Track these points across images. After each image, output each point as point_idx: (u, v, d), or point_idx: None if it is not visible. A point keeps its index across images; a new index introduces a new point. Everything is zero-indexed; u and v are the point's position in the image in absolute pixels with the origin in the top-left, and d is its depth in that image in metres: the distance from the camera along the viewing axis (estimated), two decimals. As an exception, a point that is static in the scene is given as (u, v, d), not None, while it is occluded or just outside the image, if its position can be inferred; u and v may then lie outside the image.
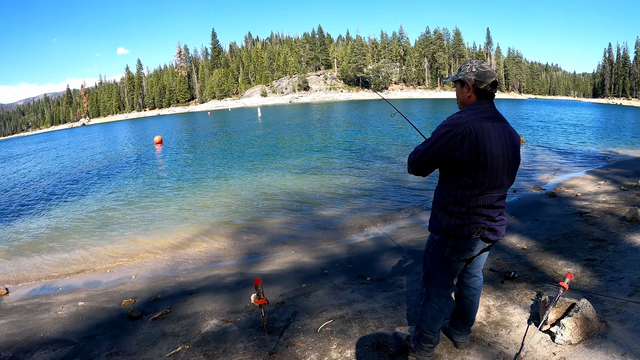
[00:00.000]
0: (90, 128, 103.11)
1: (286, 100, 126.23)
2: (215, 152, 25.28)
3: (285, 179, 15.22)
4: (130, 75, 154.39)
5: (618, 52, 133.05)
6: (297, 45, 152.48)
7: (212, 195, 13.64)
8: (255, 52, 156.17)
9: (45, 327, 5.30)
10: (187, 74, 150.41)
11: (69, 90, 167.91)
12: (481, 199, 2.85)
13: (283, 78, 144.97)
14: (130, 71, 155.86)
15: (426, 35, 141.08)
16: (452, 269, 3.16)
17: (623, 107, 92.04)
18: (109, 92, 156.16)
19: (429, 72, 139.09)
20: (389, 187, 13.12)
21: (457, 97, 3.06)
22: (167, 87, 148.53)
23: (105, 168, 22.22)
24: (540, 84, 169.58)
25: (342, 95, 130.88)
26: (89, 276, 7.75)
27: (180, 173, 18.58)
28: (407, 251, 7.13)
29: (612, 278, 4.76)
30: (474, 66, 2.91)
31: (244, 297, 5.53)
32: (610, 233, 6.53)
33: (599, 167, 15.50)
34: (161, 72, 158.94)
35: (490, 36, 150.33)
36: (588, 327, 3.56)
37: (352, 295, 5.17)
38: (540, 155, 19.28)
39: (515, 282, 4.91)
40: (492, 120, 2.82)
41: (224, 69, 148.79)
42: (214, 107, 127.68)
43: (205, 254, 8.37)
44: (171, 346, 4.28)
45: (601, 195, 9.70)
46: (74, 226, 11.24)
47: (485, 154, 2.74)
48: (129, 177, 18.60)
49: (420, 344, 3.40)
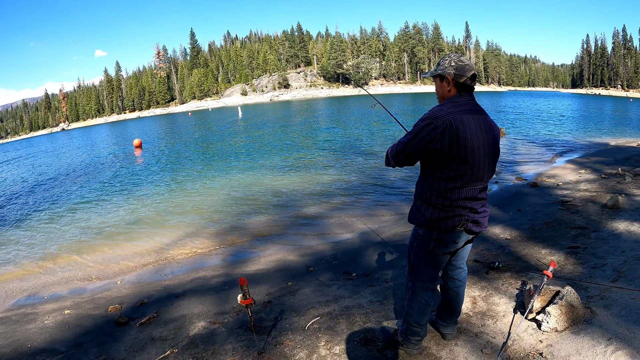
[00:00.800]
0: (69, 133, 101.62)
1: (267, 99, 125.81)
2: (196, 154, 25.10)
3: (268, 178, 15.17)
4: (109, 77, 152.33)
5: (596, 43, 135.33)
6: (277, 43, 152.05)
7: (195, 196, 13.53)
8: (235, 51, 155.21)
9: (32, 338, 5.20)
10: (166, 75, 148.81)
11: (47, 94, 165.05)
12: (464, 191, 2.87)
13: (263, 76, 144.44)
14: (109, 74, 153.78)
15: (405, 30, 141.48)
16: (437, 262, 3.18)
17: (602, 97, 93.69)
18: (87, 96, 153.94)
19: (408, 66, 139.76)
20: (371, 183, 13.16)
21: (437, 92, 3.07)
22: (147, 88, 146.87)
23: (83, 174, 21.86)
24: (520, 76, 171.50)
25: (322, 92, 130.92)
26: (74, 284, 7.63)
27: (161, 176, 18.38)
28: (392, 245, 7.16)
29: (595, 265, 4.83)
30: (453, 60, 2.92)
31: (230, 298, 5.50)
32: (592, 220, 6.63)
33: (579, 156, 15.72)
34: (140, 74, 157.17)
35: (469, 30, 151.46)
36: (573, 314, 3.60)
37: (339, 292, 5.17)
38: (521, 146, 19.49)
39: (500, 272, 4.96)
40: (471, 113, 2.84)
41: (204, 68, 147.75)
42: (194, 108, 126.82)
43: (190, 256, 8.30)
44: (160, 350, 4.23)
45: (582, 184, 9.84)
46: (54, 234, 11.04)
47: (466, 146, 2.75)
48: (108, 182, 18.30)
49: (408, 337, 3.42)
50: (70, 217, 12.71)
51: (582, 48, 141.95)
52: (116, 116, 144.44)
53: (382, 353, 3.59)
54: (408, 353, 3.50)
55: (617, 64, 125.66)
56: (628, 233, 5.80)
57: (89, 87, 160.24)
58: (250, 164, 18.95)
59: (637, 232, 5.79)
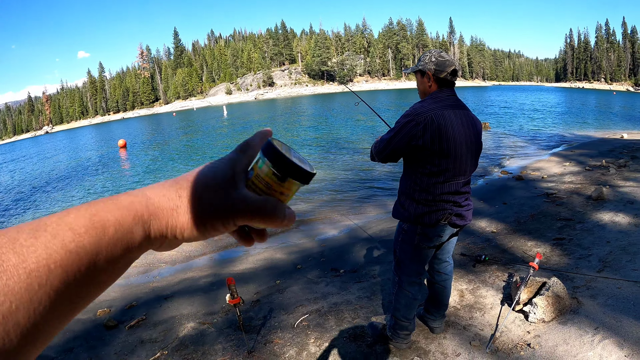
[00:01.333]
0: (54, 136, 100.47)
1: (251, 97, 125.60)
2: (181, 154, 24.95)
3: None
4: (92, 79, 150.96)
5: (579, 37, 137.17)
6: (261, 41, 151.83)
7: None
8: (219, 50, 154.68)
9: (20, 344, 5.16)
10: (150, 75, 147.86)
11: (30, 97, 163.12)
12: (447, 186, 2.90)
13: (247, 75, 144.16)
14: (92, 75, 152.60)
15: (389, 27, 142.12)
16: (422, 256, 3.20)
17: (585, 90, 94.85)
18: (71, 98, 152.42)
19: (393, 62, 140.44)
20: (356, 179, 13.19)
21: (418, 87, 3.11)
22: (131, 89, 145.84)
23: (67, 176, 21.64)
24: (504, 71, 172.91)
25: (307, 89, 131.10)
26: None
27: (145, 176, 18.24)
28: (378, 241, 7.18)
29: (581, 255, 4.88)
30: (433, 56, 2.95)
31: (219, 298, 5.48)
32: (577, 212, 6.71)
33: (563, 149, 15.88)
34: (124, 75, 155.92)
35: (453, 25, 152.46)
36: (560, 304, 3.64)
37: (327, 289, 5.18)
38: (506, 140, 19.64)
39: (487, 265, 5.00)
40: (453, 108, 2.87)
41: (188, 68, 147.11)
42: (179, 108, 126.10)
43: (177, 257, 8.24)
44: (150, 353, 4.20)
45: (567, 176, 9.94)
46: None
47: (448, 141, 2.78)
48: (92, 183, 18.15)
49: (397, 331, 3.44)
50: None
51: (565, 42, 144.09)
52: (100, 118, 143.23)
53: (371, 348, 3.60)
54: (397, 347, 3.51)
55: (600, 58, 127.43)
56: (613, 224, 5.88)
57: (73, 89, 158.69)
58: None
59: (621, 223, 5.86)
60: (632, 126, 23.92)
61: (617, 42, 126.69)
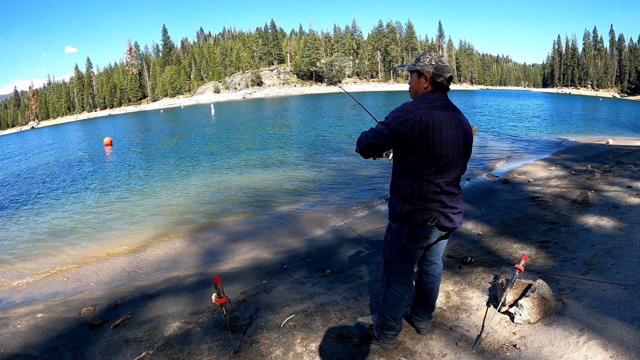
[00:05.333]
0: (39, 131, 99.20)
1: (240, 96, 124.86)
2: (167, 152, 24.77)
3: (241, 176, 15.11)
4: (79, 74, 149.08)
5: (567, 43, 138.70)
6: (250, 40, 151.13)
7: (167, 196, 13.36)
8: (208, 48, 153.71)
9: (5, 343, 5.06)
10: (138, 72, 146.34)
11: (16, 92, 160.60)
12: (433, 186, 2.91)
13: (236, 74, 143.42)
14: (80, 70, 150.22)
15: (379, 29, 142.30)
16: (410, 257, 3.21)
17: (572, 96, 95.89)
18: (58, 93, 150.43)
19: (382, 65, 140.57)
20: (344, 180, 13.22)
21: (412, 87, 3.10)
22: (118, 85, 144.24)
23: (51, 174, 21.33)
24: (492, 75, 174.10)
25: (295, 89, 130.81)
26: (46, 287, 7.44)
27: (131, 175, 18.07)
28: (366, 242, 7.19)
29: (566, 258, 4.93)
30: (434, 59, 2.96)
31: (205, 298, 5.45)
32: (563, 216, 6.78)
33: (549, 153, 16.06)
34: (112, 71, 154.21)
35: (442, 29, 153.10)
36: (545, 306, 3.67)
37: (313, 289, 5.18)
38: (493, 143, 19.80)
39: (473, 266, 5.03)
40: (443, 109, 2.88)
41: (176, 65, 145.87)
42: (166, 105, 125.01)
43: (164, 256, 8.20)
44: (135, 352, 4.16)
45: (552, 180, 10.05)
46: (23, 238, 10.73)
47: (434, 140, 2.80)
48: (76, 181, 17.93)
49: (384, 331, 3.45)
50: (39, 218, 12.42)
51: (553, 48, 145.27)
52: (87, 114, 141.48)
53: (358, 349, 3.60)
54: (384, 348, 3.52)
55: (588, 64, 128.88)
56: (597, 227, 5.95)
57: (60, 84, 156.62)
58: (222, 162, 18.84)
59: (606, 227, 5.93)
60: (617, 132, 24.29)
61: (605, 49, 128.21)
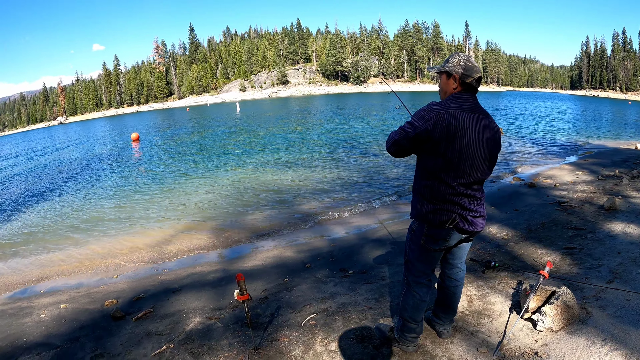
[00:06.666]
0: (67, 126, 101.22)
1: (265, 95, 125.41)
2: (193, 149, 25.04)
3: (266, 174, 15.18)
4: (107, 71, 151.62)
5: (595, 45, 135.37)
6: (276, 39, 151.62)
7: (192, 192, 13.53)
8: (234, 47, 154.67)
9: (28, 331, 5.18)
10: (165, 70, 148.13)
11: (45, 88, 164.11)
12: (453, 187, 2.89)
13: (262, 72, 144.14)
14: (108, 68, 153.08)
15: (405, 29, 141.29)
16: (430, 258, 3.21)
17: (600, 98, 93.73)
18: (86, 89, 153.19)
19: (407, 65, 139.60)
20: (369, 180, 13.18)
21: (441, 88, 3.10)
22: (145, 83, 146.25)
23: (80, 168, 21.80)
24: (519, 77, 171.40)
25: (321, 89, 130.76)
26: (70, 278, 7.62)
27: (157, 170, 18.36)
28: (389, 243, 7.18)
29: (591, 266, 4.84)
30: (462, 60, 2.94)
31: (227, 294, 5.51)
32: (589, 222, 6.65)
33: (576, 157, 15.77)
34: (139, 68, 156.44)
35: (469, 29, 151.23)
36: (569, 314, 3.61)
37: (335, 289, 5.18)
38: (519, 146, 19.52)
39: (496, 271, 4.98)
40: (469, 111, 2.86)
41: (202, 64, 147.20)
42: (192, 103, 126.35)
43: (187, 252, 8.30)
44: (156, 345, 4.23)
45: (579, 185, 9.87)
46: (51, 228, 11.03)
47: (455, 141, 2.79)
48: (104, 176, 18.31)
49: (404, 334, 3.44)
50: (67, 211, 12.70)
51: (581, 50, 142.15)
52: (114, 110, 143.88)
53: (378, 350, 3.59)
54: (404, 350, 3.51)
55: (616, 67, 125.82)
56: (624, 235, 5.82)
57: (87, 81, 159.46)
58: (247, 160, 18.94)
59: (633, 234, 5.81)
60: (646, 137, 23.68)
61: (634, 51, 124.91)
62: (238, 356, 3.78)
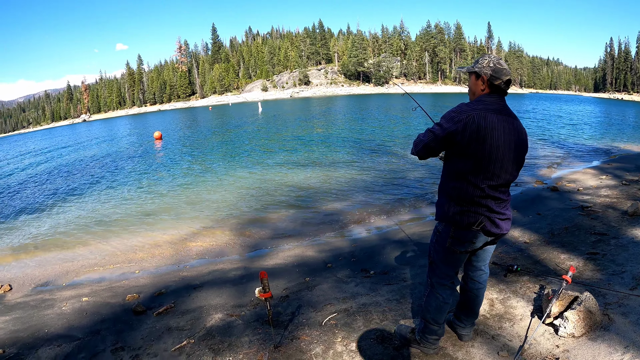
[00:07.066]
0: (91, 124, 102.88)
1: (287, 95, 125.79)
2: (215, 147, 25.23)
3: (287, 173, 15.24)
4: (130, 70, 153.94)
5: (619, 46, 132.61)
6: (298, 39, 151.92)
7: (214, 190, 13.65)
8: (256, 47, 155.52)
9: (50, 323, 5.30)
10: (187, 69, 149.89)
11: (69, 86, 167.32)
12: (481, 189, 2.89)
13: (284, 73, 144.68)
14: (131, 67, 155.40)
15: (427, 30, 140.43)
16: (455, 260, 3.21)
17: (624, 101, 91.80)
18: (109, 88, 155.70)
19: (429, 66, 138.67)
20: (391, 180, 13.13)
21: (470, 88, 3.11)
22: (168, 82, 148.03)
23: (103, 165, 22.11)
24: (542, 78, 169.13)
25: (343, 89, 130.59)
26: (92, 272, 7.75)
27: (180, 168, 18.56)
28: (410, 244, 7.16)
29: (614, 272, 4.78)
30: (492, 61, 2.94)
31: (248, 291, 5.55)
32: (612, 227, 6.55)
33: (600, 161, 15.50)
34: (162, 68, 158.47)
35: (491, 30, 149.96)
36: (591, 320, 3.58)
37: (356, 289, 5.20)
38: (542, 149, 19.27)
39: (518, 275, 4.94)
40: (498, 113, 2.86)
41: (225, 63, 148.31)
42: (214, 102, 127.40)
43: (209, 249, 8.39)
44: (176, 340, 4.29)
45: (603, 190, 9.72)
46: (75, 223, 11.24)
47: (484, 142, 2.78)
48: (127, 174, 18.57)
49: (425, 335, 3.44)
50: (90, 207, 12.92)
51: (605, 51, 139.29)
52: (137, 109, 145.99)
53: (398, 351, 3.60)
54: (424, 352, 3.51)
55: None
56: (649, 241, 5.73)
57: (111, 79, 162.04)
58: (270, 159, 19.01)
59: (658, 241, 5.72)
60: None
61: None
62: (258, 353, 3.82)
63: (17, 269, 8.43)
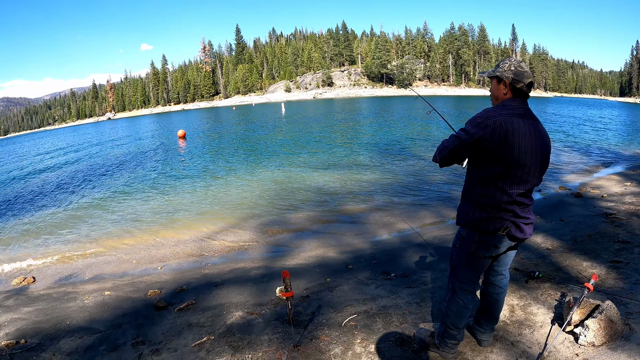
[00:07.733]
0: (116, 122, 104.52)
1: (310, 96, 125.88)
2: (239, 147, 25.46)
3: (310, 174, 15.29)
4: (155, 70, 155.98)
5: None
6: (321, 41, 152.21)
7: (237, 189, 13.78)
8: (279, 48, 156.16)
9: (72, 315, 5.42)
10: (211, 70, 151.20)
11: (94, 85, 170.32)
12: (508, 194, 2.88)
13: (307, 74, 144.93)
14: (155, 67, 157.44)
15: (451, 32, 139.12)
16: (478, 265, 3.21)
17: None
18: (134, 87, 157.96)
19: (453, 68, 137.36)
20: (413, 184, 13.08)
21: (492, 93, 3.10)
22: (192, 82, 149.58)
23: (127, 163, 22.49)
24: (567, 82, 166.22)
25: (365, 91, 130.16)
26: (115, 267, 7.92)
27: (203, 167, 18.78)
28: (432, 248, 7.15)
29: (637, 281, 4.72)
30: (513, 65, 2.94)
31: (269, 290, 5.61)
32: (637, 235, 6.45)
33: (625, 168, 15.23)
34: (186, 68, 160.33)
35: (516, 32, 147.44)
36: (612, 329, 3.55)
37: (377, 291, 5.21)
38: (566, 154, 18.99)
39: (540, 282, 4.91)
40: (522, 117, 2.85)
41: (248, 64, 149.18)
42: (238, 102, 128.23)
43: (231, 247, 8.48)
44: (196, 336, 4.36)
45: (627, 197, 9.56)
46: (98, 219, 11.49)
47: (513, 147, 2.77)
48: (150, 171, 18.88)
49: (445, 340, 3.45)
50: (114, 204, 13.16)
51: (631, 55, 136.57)
52: (161, 108, 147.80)
53: (417, 354, 3.62)
54: (443, 356, 3.52)
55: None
56: (674, 250, 5.64)
57: (136, 79, 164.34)
58: (292, 159, 19.10)
59: (684, 250, 5.62)
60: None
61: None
62: (277, 352, 3.87)
63: (41, 261, 8.64)
